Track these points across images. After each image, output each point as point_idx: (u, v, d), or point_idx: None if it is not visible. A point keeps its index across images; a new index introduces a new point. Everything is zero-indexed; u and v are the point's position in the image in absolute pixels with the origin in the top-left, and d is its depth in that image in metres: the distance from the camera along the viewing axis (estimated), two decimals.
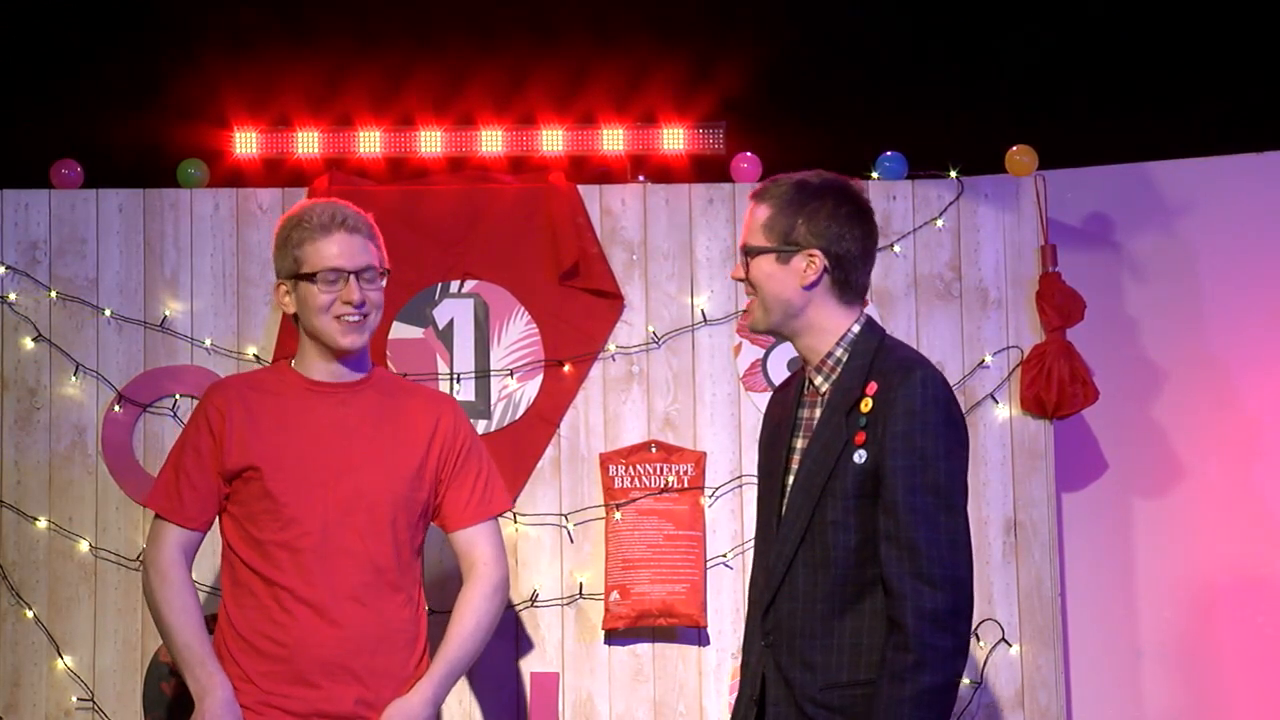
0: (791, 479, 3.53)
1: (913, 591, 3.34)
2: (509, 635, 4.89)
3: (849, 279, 3.53)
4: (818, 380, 3.54)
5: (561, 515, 4.94)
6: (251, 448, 3.92)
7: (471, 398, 4.95)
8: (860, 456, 3.41)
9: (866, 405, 3.44)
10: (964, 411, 4.15)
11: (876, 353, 3.49)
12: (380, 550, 3.93)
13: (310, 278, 3.90)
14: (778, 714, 3.47)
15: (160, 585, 3.92)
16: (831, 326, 3.53)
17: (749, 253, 3.55)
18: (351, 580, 3.89)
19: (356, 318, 3.92)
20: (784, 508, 3.52)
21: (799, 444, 3.55)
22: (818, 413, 3.53)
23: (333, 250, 3.90)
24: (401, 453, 3.98)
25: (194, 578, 3.93)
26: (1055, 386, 4.80)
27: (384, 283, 3.98)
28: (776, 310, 3.54)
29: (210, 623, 4.01)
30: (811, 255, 3.50)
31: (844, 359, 3.51)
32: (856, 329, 3.53)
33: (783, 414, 3.63)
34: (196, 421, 3.99)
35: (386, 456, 3.97)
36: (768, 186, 3.58)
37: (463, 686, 4.86)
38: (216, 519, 4.01)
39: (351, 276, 3.90)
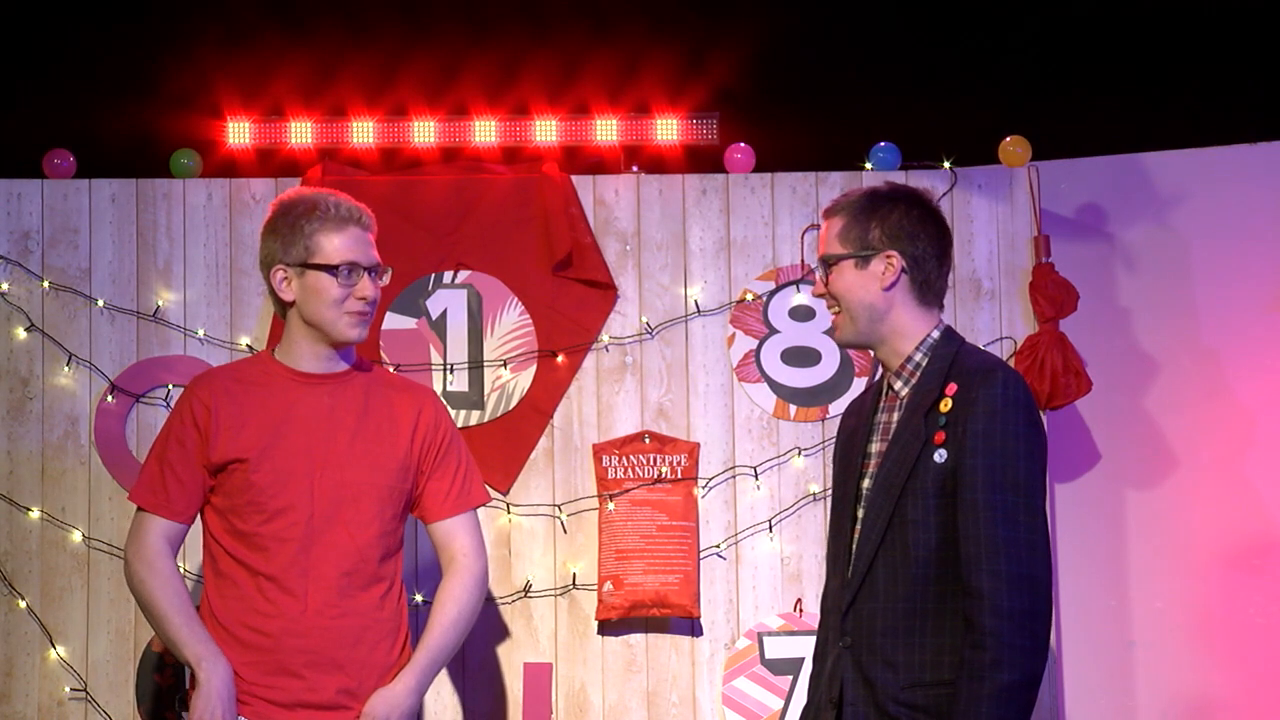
0: (868, 482, 3.56)
1: (990, 590, 3.34)
2: (502, 625, 4.89)
3: (927, 280, 3.59)
4: (897, 385, 3.59)
5: (555, 506, 4.94)
6: (237, 440, 3.92)
7: (465, 388, 4.95)
8: (941, 456, 3.45)
9: (946, 405, 3.48)
10: None
11: (955, 356, 3.54)
12: (366, 541, 3.93)
13: (328, 269, 3.91)
14: (855, 714, 3.46)
15: (148, 575, 3.91)
16: (912, 330, 3.58)
17: (828, 263, 3.60)
18: (336, 571, 3.90)
19: (367, 312, 3.95)
20: (861, 510, 3.55)
21: (875, 448, 3.59)
22: (895, 416, 3.57)
23: (351, 245, 3.94)
24: (386, 444, 3.99)
25: (186, 568, 3.93)
26: (1048, 377, 4.80)
27: (386, 280, 4.02)
28: (861, 317, 3.58)
29: None
30: (889, 256, 3.56)
31: (923, 363, 3.56)
32: (936, 335, 3.58)
33: (858, 422, 3.67)
34: (180, 414, 3.99)
35: (372, 448, 3.97)
36: (838, 201, 3.64)
37: (456, 677, 4.86)
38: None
39: (366, 273, 3.94)
